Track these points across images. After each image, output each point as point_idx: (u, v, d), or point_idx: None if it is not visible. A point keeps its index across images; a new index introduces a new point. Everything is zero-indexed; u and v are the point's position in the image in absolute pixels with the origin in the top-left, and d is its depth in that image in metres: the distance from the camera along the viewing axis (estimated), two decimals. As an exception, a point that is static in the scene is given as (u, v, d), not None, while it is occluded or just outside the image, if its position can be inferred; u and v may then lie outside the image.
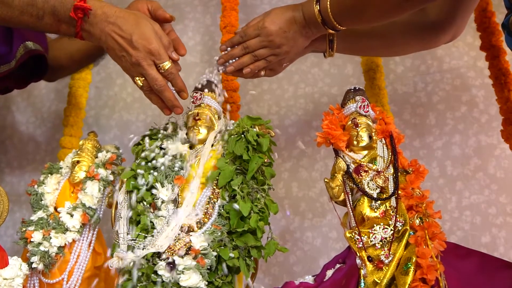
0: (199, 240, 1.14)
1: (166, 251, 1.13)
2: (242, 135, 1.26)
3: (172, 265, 1.10)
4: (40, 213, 1.42)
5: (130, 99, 2.18)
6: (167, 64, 1.25)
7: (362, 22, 1.29)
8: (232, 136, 1.27)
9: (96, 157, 1.50)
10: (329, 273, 1.18)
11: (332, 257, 1.28)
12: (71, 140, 1.80)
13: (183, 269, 1.09)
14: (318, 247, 1.80)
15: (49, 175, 1.50)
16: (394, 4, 1.17)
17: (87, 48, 1.72)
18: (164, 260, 1.12)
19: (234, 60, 1.39)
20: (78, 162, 1.49)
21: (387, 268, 1.13)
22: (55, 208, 1.44)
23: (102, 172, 1.45)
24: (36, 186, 1.48)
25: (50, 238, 1.36)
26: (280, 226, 1.83)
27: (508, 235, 1.72)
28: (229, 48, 1.41)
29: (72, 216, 1.39)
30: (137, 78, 1.26)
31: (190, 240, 1.14)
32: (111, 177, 1.47)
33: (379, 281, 1.11)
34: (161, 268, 1.11)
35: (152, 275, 1.11)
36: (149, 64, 1.24)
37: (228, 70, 1.39)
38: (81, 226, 1.39)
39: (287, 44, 1.33)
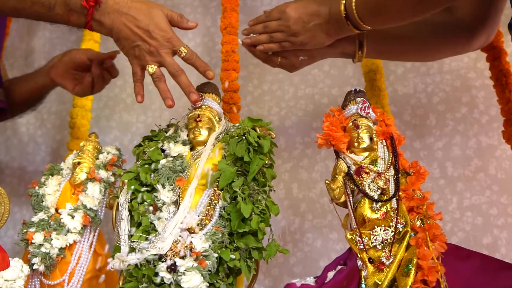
0: (200, 242, 1.14)
1: (167, 252, 1.13)
2: (243, 137, 1.27)
3: (173, 267, 1.10)
4: (41, 215, 1.42)
5: (130, 100, 2.18)
6: (184, 49, 1.31)
7: (386, 21, 1.26)
8: (233, 138, 1.27)
9: (97, 159, 1.51)
10: (330, 274, 1.17)
11: (332, 258, 1.28)
12: (78, 143, 1.79)
13: (185, 270, 1.09)
14: (319, 248, 1.80)
15: (50, 176, 1.50)
16: (416, 2, 1.15)
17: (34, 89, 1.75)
18: (165, 262, 1.12)
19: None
20: (79, 163, 1.49)
21: (388, 269, 1.12)
22: (56, 210, 1.44)
23: (103, 173, 1.45)
24: (37, 188, 1.48)
25: (51, 239, 1.36)
26: (280, 227, 1.83)
27: (509, 236, 1.71)
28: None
29: (73, 217, 1.39)
30: (149, 66, 1.29)
31: (191, 242, 1.14)
32: (112, 179, 1.47)
33: (380, 283, 1.11)
34: (162, 269, 1.11)
35: (153, 276, 1.11)
36: (166, 52, 1.29)
37: (244, 42, 1.42)
38: (82, 228, 1.39)
39: (304, 35, 1.32)
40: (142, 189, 1.27)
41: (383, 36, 1.43)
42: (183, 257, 1.12)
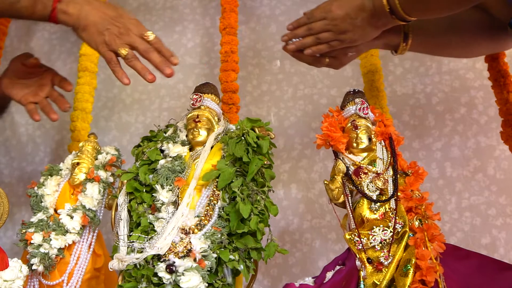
0: (199, 242, 1.14)
1: (167, 253, 1.13)
2: (242, 137, 1.27)
3: (172, 267, 1.10)
4: (40, 215, 1.42)
5: (129, 100, 2.18)
6: (151, 34, 1.32)
7: (430, 11, 1.25)
8: (232, 138, 1.27)
9: (96, 159, 1.51)
10: (329, 274, 1.18)
11: (331, 258, 1.29)
12: (78, 146, 1.79)
13: (184, 271, 1.09)
14: (317, 248, 1.80)
15: (49, 176, 1.51)
16: None
17: None
18: (164, 262, 1.12)
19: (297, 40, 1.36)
20: (78, 164, 1.49)
21: (386, 269, 1.13)
22: (55, 210, 1.44)
23: (102, 174, 1.46)
24: (36, 188, 1.48)
25: (50, 240, 1.36)
26: (279, 228, 1.83)
27: (508, 237, 1.71)
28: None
29: (72, 218, 1.40)
30: (121, 49, 1.29)
31: (190, 242, 1.14)
32: (111, 179, 1.47)
33: (378, 283, 1.12)
34: (161, 270, 1.11)
35: (152, 277, 1.11)
36: (135, 33, 1.30)
37: (289, 48, 1.36)
38: (81, 228, 1.40)
39: (353, 31, 1.29)
40: (141, 190, 1.27)
41: (428, 29, 1.41)
42: (182, 257, 1.12)
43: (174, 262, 1.11)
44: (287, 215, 1.85)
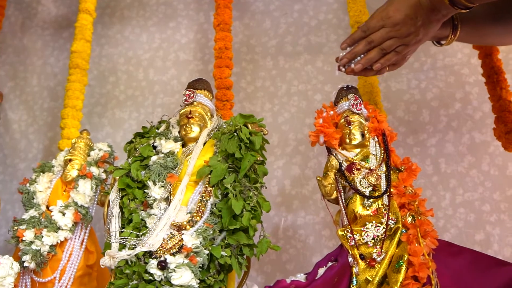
0: (191, 238, 1.13)
1: (158, 249, 1.13)
2: (235, 133, 1.26)
3: (163, 264, 1.09)
4: (32, 212, 1.41)
5: (122, 96, 2.17)
6: None
7: None
8: (224, 134, 1.27)
9: (89, 156, 1.50)
10: (321, 271, 1.17)
11: (325, 255, 1.28)
12: (68, 143, 1.77)
13: (175, 267, 1.08)
14: (311, 245, 1.80)
15: (41, 173, 1.50)
16: None
17: None
18: (156, 259, 1.11)
19: (358, 58, 1.25)
20: (70, 160, 1.48)
21: (379, 266, 1.12)
22: (47, 207, 1.44)
23: (94, 170, 1.45)
24: (28, 185, 1.47)
25: (42, 236, 1.35)
26: (273, 224, 1.82)
27: (502, 233, 1.71)
28: (347, 49, 1.28)
29: (64, 214, 1.39)
30: None
31: (182, 239, 1.13)
32: (103, 175, 1.47)
33: (371, 279, 1.11)
34: (153, 266, 1.10)
35: (144, 273, 1.11)
36: None
37: (357, 69, 1.24)
38: (73, 225, 1.39)
39: (417, 31, 1.22)
40: (133, 186, 1.27)
41: (476, 18, 1.36)
42: (173, 254, 1.11)
43: (165, 259, 1.10)
44: (281, 211, 1.85)
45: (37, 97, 2.26)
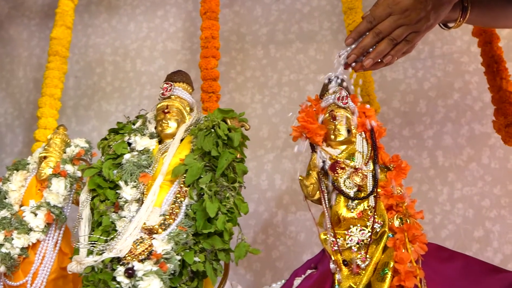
0: (161, 243, 1.06)
1: (126, 255, 1.05)
2: (212, 129, 1.18)
3: (131, 271, 1.02)
4: (4, 212, 1.35)
5: (109, 88, 2.09)
6: None
7: None
8: (201, 131, 1.19)
9: (65, 152, 1.43)
10: (297, 281, 1.09)
11: (316, 252, 1.20)
12: (45, 133, 1.70)
13: (143, 275, 1.01)
14: (302, 241, 1.72)
15: (15, 171, 1.43)
16: None
17: None
18: (123, 265, 1.04)
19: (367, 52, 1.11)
20: (45, 157, 1.41)
21: (363, 272, 1.04)
22: (22, 206, 1.37)
23: (69, 168, 1.38)
24: (0, 183, 1.41)
25: (12, 239, 1.29)
26: (263, 220, 1.75)
27: (502, 229, 1.64)
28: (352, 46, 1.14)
29: (36, 215, 1.32)
30: None
31: (152, 244, 1.06)
32: (79, 173, 1.40)
33: (355, 287, 1.03)
34: (120, 274, 1.03)
35: (110, 281, 1.03)
36: None
37: (367, 65, 1.10)
38: (45, 226, 1.32)
39: (427, 16, 1.10)
40: (105, 186, 1.19)
41: (482, 1, 1.30)
42: (142, 260, 1.04)
43: (133, 266, 1.02)
44: (271, 207, 1.77)
45: (23, 90, 2.20)
